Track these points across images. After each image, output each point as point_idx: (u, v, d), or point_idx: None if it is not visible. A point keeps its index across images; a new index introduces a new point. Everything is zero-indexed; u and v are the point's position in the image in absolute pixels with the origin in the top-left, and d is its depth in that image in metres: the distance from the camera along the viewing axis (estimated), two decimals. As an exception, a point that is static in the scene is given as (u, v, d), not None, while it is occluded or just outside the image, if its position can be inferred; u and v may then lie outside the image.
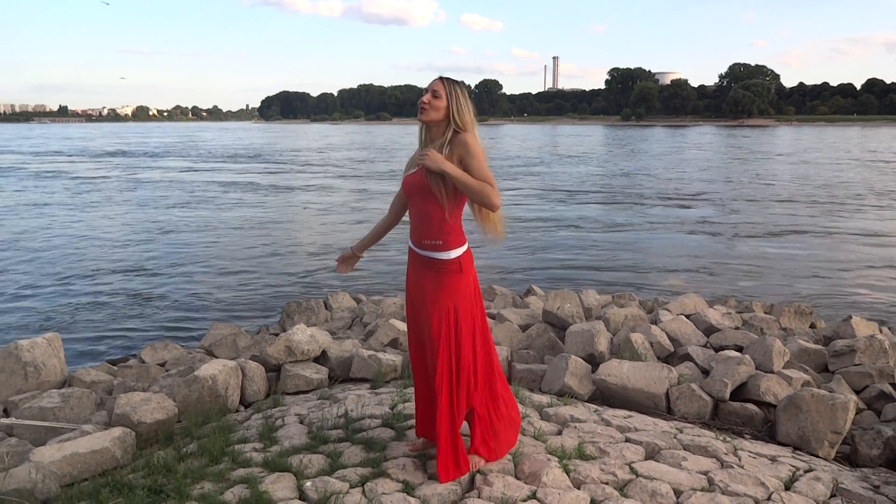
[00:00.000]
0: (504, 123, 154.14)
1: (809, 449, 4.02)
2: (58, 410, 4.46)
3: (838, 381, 4.97)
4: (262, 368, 4.94)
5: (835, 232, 15.41)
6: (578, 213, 18.70)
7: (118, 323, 8.90)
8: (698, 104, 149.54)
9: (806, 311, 7.21)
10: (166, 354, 6.72)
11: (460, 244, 2.99)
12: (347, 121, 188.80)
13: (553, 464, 3.21)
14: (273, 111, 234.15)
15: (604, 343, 5.30)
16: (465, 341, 3.01)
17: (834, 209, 18.95)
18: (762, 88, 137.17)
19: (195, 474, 3.24)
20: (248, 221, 17.53)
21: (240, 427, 4.02)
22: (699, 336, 5.88)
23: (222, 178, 30.17)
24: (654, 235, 15.26)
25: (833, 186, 24.66)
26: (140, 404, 4.19)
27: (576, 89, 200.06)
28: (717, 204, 20.24)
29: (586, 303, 6.88)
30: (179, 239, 15.05)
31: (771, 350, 5.00)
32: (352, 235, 15.21)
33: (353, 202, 21.42)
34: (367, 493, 2.98)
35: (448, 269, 2.98)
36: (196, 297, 10.11)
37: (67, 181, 28.72)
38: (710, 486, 3.15)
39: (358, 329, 6.98)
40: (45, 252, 13.51)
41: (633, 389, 4.52)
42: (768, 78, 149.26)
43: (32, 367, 5.27)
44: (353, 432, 3.67)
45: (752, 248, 13.70)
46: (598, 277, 11.22)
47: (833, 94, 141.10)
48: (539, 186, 25.80)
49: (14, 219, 17.96)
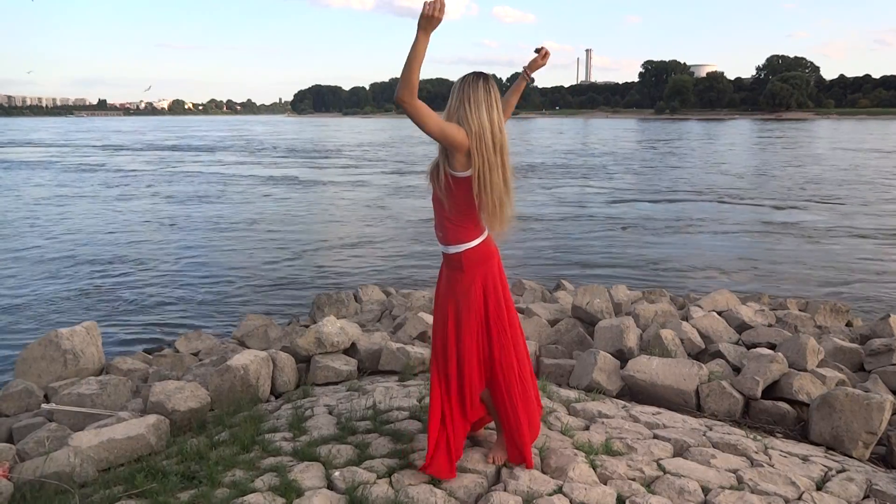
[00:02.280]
0: (536, 117, 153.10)
1: (843, 449, 3.94)
2: (95, 397, 4.58)
3: (875, 380, 4.86)
4: (292, 359, 5.01)
5: (875, 230, 15.02)
6: (610, 209, 18.53)
7: (154, 313, 9.10)
8: (734, 97, 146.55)
9: (842, 308, 7.06)
10: (200, 344, 6.85)
11: (460, 241, 2.89)
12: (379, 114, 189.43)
13: (580, 459, 3.20)
14: (306, 105, 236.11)
15: (633, 339, 5.26)
16: (465, 341, 2.95)
17: (876, 206, 18.47)
18: (801, 81, 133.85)
19: (226, 462, 3.31)
20: (283, 215, 17.73)
21: (270, 417, 4.09)
22: (731, 333, 5.79)
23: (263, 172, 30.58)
24: (688, 232, 15.05)
25: (873, 183, 24.03)
26: (174, 392, 4.29)
27: (609, 82, 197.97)
28: (753, 201, 19.88)
29: (616, 298, 6.83)
30: (212, 232, 15.30)
31: (805, 348, 4.91)
32: (383, 229, 15.32)
33: (385, 196, 21.52)
34: (394, 484, 3.02)
35: (450, 263, 2.96)
36: (229, 289, 10.28)
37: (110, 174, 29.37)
38: (739, 484, 3.12)
39: (387, 322, 7.02)
40: (83, 244, 13.85)
41: (662, 386, 4.48)
42: (807, 70, 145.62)
43: (72, 355, 5.43)
44: (381, 424, 3.71)
45: (789, 245, 13.43)
46: (629, 273, 11.11)
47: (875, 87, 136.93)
48: (573, 182, 25.62)
49: (57, 211, 18.43)
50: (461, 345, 2.96)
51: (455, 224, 2.88)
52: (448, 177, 2.80)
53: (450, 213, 2.86)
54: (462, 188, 2.80)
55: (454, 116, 2.78)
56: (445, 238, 2.92)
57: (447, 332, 2.98)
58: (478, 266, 2.93)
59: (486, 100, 2.75)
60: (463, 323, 2.95)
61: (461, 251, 2.90)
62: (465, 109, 2.74)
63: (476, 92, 2.74)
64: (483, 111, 2.73)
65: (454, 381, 3.00)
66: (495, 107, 2.77)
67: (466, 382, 3.01)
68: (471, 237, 2.90)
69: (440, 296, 3.04)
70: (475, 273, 2.93)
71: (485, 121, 2.73)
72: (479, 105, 2.73)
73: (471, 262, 2.91)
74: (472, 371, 3.00)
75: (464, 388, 3.02)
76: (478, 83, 2.76)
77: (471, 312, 2.94)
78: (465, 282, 2.93)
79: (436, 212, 2.95)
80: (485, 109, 2.74)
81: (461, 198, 2.81)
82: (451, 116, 2.79)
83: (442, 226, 2.92)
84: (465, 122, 2.73)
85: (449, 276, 2.99)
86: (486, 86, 2.76)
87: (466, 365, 2.98)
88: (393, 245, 13.68)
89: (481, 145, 2.73)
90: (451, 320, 2.97)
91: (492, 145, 2.74)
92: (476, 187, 2.76)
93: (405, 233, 14.96)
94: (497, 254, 3.03)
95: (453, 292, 2.96)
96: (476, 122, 2.72)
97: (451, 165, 2.78)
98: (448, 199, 2.84)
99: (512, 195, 2.86)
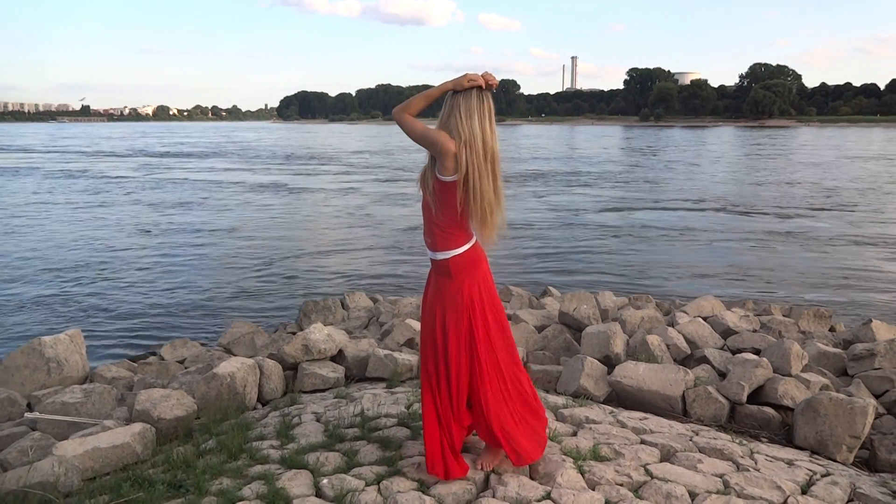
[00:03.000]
0: (522, 124, 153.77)
1: (827, 453, 3.98)
2: (80, 406, 4.54)
3: (857, 385, 4.91)
4: (279, 367, 4.99)
5: (857, 236, 15.21)
6: (597, 216, 18.63)
7: (139, 320, 9.02)
8: (718, 105, 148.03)
9: (825, 314, 7.14)
10: (185, 352, 6.81)
11: (447, 247, 2.92)
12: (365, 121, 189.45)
13: (568, 465, 3.21)
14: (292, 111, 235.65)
15: (620, 345, 5.29)
16: (451, 346, 2.97)
17: (856, 213, 18.71)
18: (783, 89, 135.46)
19: (214, 470, 3.29)
20: (267, 222, 17.67)
21: (257, 424, 4.07)
22: (716, 338, 5.84)
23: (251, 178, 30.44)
24: (673, 239, 15.16)
25: (854, 190, 24.34)
26: (160, 401, 4.25)
27: (594, 89, 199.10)
28: (737, 208, 20.07)
29: (602, 304, 6.87)
30: (199, 239, 15.21)
31: (789, 353, 4.96)
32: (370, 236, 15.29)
33: (372, 203, 21.50)
34: (383, 491, 3.01)
35: (439, 270, 2.98)
36: (215, 296, 10.22)
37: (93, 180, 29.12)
38: (725, 488, 3.14)
39: (374, 329, 7.01)
40: (68, 251, 13.72)
41: (648, 391, 4.51)
42: (790, 78, 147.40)
43: (55, 363, 5.37)
44: (369, 431, 3.70)
45: (773, 252, 13.57)
46: (615, 280, 11.18)
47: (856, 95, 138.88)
48: (559, 188, 25.73)
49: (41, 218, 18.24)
50: (448, 350, 2.98)
51: (444, 230, 2.90)
52: (436, 180, 2.85)
53: (438, 219, 2.89)
54: (448, 192, 2.83)
55: (445, 123, 2.82)
56: (434, 244, 2.95)
57: (435, 338, 3.01)
58: (465, 272, 2.96)
59: (479, 108, 2.79)
60: (450, 329, 2.97)
61: (449, 258, 2.93)
62: (456, 117, 2.78)
63: (469, 101, 2.79)
64: (475, 119, 2.78)
65: (443, 386, 3.02)
66: (488, 116, 2.81)
67: (454, 388, 3.02)
68: (459, 244, 2.92)
69: (428, 302, 3.07)
70: (463, 279, 2.96)
71: (476, 129, 2.77)
72: (472, 113, 2.78)
73: (458, 268, 2.94)
74: (459, 377, 3.01)
75: (452, 393, 3.03)
76: (471, 92, 2.80)
77: (458, 318, 2.97)
78: (453, 288, 2.96)
79: (425, 218, 2.98)
80: (477, 118, 2.78)
81: (448, 203, 2.84)
82: (442, 123, 2.84)
83: (431, 232, 2.95)
84: (455, 129, 2.78)
85: (437, 282, 3.01)
86: (479, 95, 2.81)
87: (454, 370, 3.00)
88: (380, 252, 13.67)
89: (471, 153, 2.76)
90: (438, 326, 3.00)
91: (482, 153, 2.78)
92: (464, 193, 2.80)
93: (392, 240, 14.95)
94: (485, 260, 3.06)
95: (441, 298, 2.99)
96: (467, 130, 2.76)
97: (438, 170, 2.83)
98: (436, 204, 2.87)
99: (502, 204, 2.90)
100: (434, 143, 2.77)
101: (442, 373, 3.01)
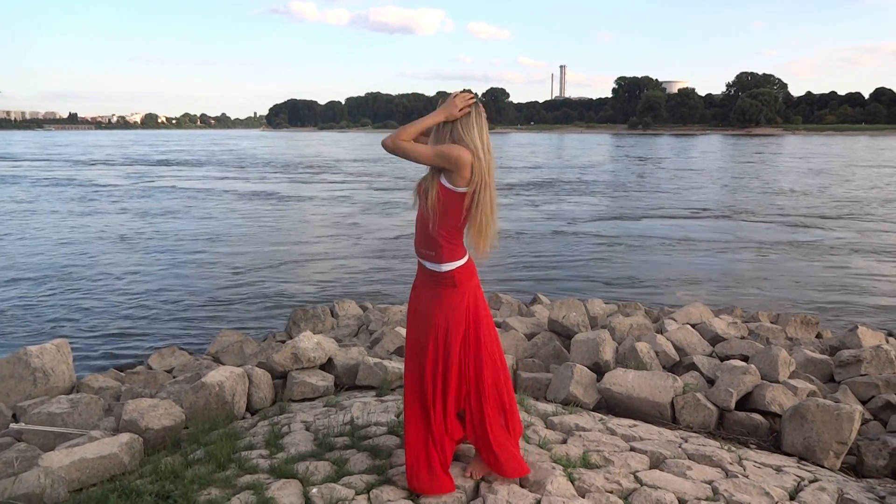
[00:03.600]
0: (511, 132, 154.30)
1: (815, 459, 4.01)
2: (66, 416, 4.50)
3: (844, 391, 4.95)
4: (268, 375, 4.97)
5: (842, 243, 15.35)
6: (586, 225, 18.71)
7: (126, 330, 8.96)
8: (705, 113, 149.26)
9: (812, 321, 7.20)
10: (173, 361, 6.77)
11: (453, 258, 2.93)
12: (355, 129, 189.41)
13: (558, 472, 3.21)
14: (281, 119, 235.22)
15: (609, 352, 5.31)
16: (452, 358, 2.98)
17: (841, 220, 18.89)
18: (770, 97, 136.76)
19: (202, 480, 3.27)
20: (256, 230, 17.62)
21: (246, 434, 4.05)
22: (705, 345, 5.87)
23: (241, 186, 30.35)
24: (661, 247, 15.25)
25: (840, 197, 24.57)
26: (147, 410, 4.22)
27: (583, 98, 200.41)
28: (724, 216, 20.22)
29: (592, 312, 6.90)
30: (187, 246, 15.14)
31: (776, 360, 5.00)
32: (359, 245, 15.28)
33: (361, 212, 21.49)
34: (373, 500, 3.00)
35: (441, 282, 2.97)
36: (203, 305, 10.17)
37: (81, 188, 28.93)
38: (714, 495, 3.16)
39: (364, 337, 7.00)
40: (55, 259, 13.61)
41: (638, 398, 4.53)
42: (776, 87, 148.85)
43: (41, 373, 5.33)
44: (359, 439, 3.69)
45: (759, 259, 13.68)
46: (604, 287, 11.22)
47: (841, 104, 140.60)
48: (549, 197, 25.82)
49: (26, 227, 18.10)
50: (449, 362, 2.99)
51: (450, 242, 2.91)
52: (443, 191, 2.85)
53: (440, 230, 2.89)
54: (456, 203, 2.85)
55: (446, 137, 2.85)
56: (440, 256, 2.93)
57: (437, 348, 2.99)
58: (468, 282, 2.99)
59: (478, 122, 2.86)
60: (451, 339, 2.98)
61: (453, 269, 2.94)
62: (460, 131, 2.83)
63: (468, 115, 2.85)
64: (475, 132, 2.84)
65: (439, 400, 3.02)
66: (484, 128, 2.88)
67: (451, 401, 3.03)
68: (461, 254, 2.96)
69: (425, 314, 3.02)
70: (465, 289, 2.98)
71: (477, 141, 2.83)
72: (472, 126, 2.84)
73: (462, 278, 2.97)
74: (458, 388, 3.04)
75: (448, 407, 3.04)
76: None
77: (458, 327, 2.98)
78: (456, 298, 2.97)
79: (420, 229, 2.97)
80: (476, 131, 2.84)
81: (452, 213, 2.86)
82: (441, 136, 2.87)
83: (435, 244, 2.92)
84: (463, 141, 2.82)
85: (438, 293, 2.98)
86: (476, 109, 2.86)
87: (453, 382, 3.01)
88: (369, 260, 13.65)
89: (479, 164, 2.82)
90: (440, 337, 2.98)
91: (485, 164, 2.84)
92: (469, 203, 2.84)
93: (382, 248, 14.94)
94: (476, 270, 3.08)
95: (442, 309, 2.97)
96: (476, 142, 2.83)
97: (450, 181, 2.84)
98: (439, 216, 2.87)
99: (496, 214, 2.94)
100: (452, 158, 2.79)
101: (439, 385, 3.00)
